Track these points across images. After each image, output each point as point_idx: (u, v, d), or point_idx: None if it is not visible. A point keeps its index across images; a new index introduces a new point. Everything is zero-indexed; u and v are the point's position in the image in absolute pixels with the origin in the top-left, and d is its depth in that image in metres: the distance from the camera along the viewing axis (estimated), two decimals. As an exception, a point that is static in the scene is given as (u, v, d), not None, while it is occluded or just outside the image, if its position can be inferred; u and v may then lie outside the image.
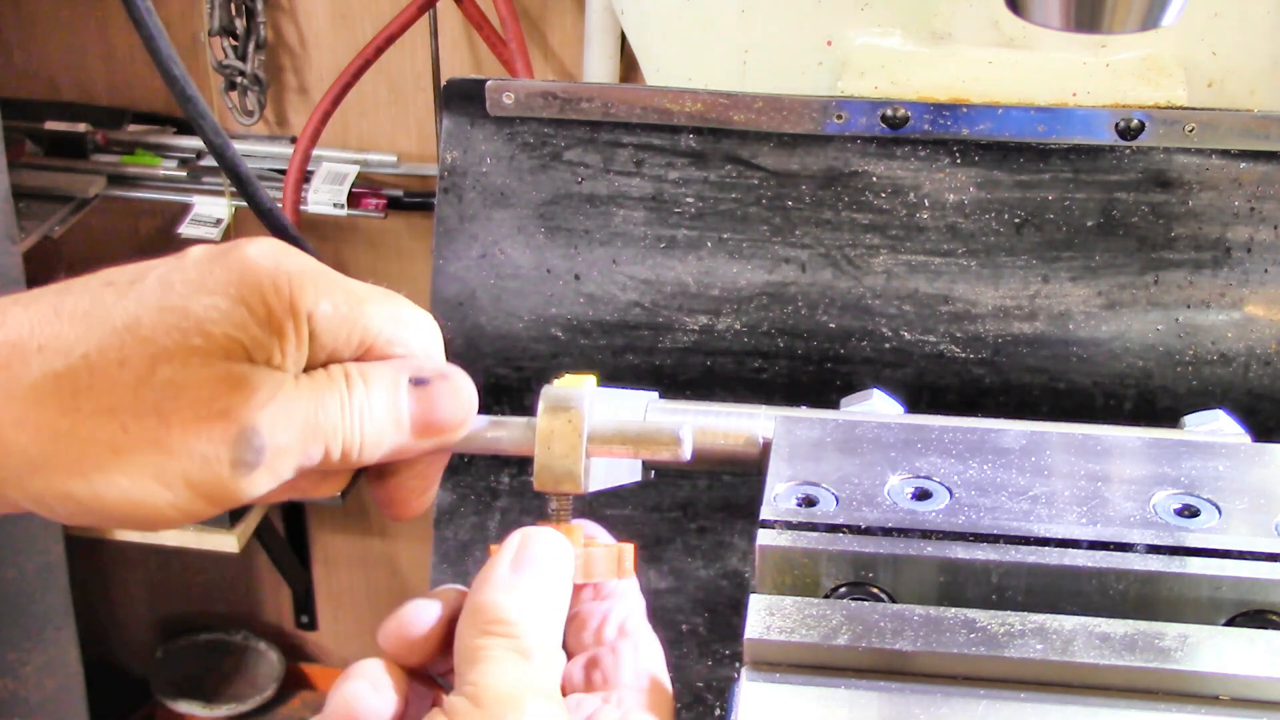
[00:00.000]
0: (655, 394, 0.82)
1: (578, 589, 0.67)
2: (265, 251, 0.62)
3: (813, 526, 0.73)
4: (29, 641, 2.23)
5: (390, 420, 0.64)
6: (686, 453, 0.67)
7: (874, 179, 1.04)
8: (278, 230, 1.22)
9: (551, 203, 1.05)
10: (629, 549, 0.69)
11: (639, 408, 0.79)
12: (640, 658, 0.67)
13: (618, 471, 0.71)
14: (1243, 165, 1.02)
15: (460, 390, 0.66)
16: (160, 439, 0.58)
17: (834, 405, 0.92)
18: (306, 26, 2.48)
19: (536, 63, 2.35)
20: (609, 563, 0.68)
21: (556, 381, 0.69)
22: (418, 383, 0.65)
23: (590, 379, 0.74)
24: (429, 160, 2.47)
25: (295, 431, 0.60)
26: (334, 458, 0.62)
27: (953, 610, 0.69)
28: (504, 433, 0.68)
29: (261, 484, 0.60)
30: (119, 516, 0.60)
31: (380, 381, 0.63)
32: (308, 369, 0.62)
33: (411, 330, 0.66)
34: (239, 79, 2.43)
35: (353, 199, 2.43)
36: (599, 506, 0.77)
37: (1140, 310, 1.03)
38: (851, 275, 1.04)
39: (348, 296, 0.63)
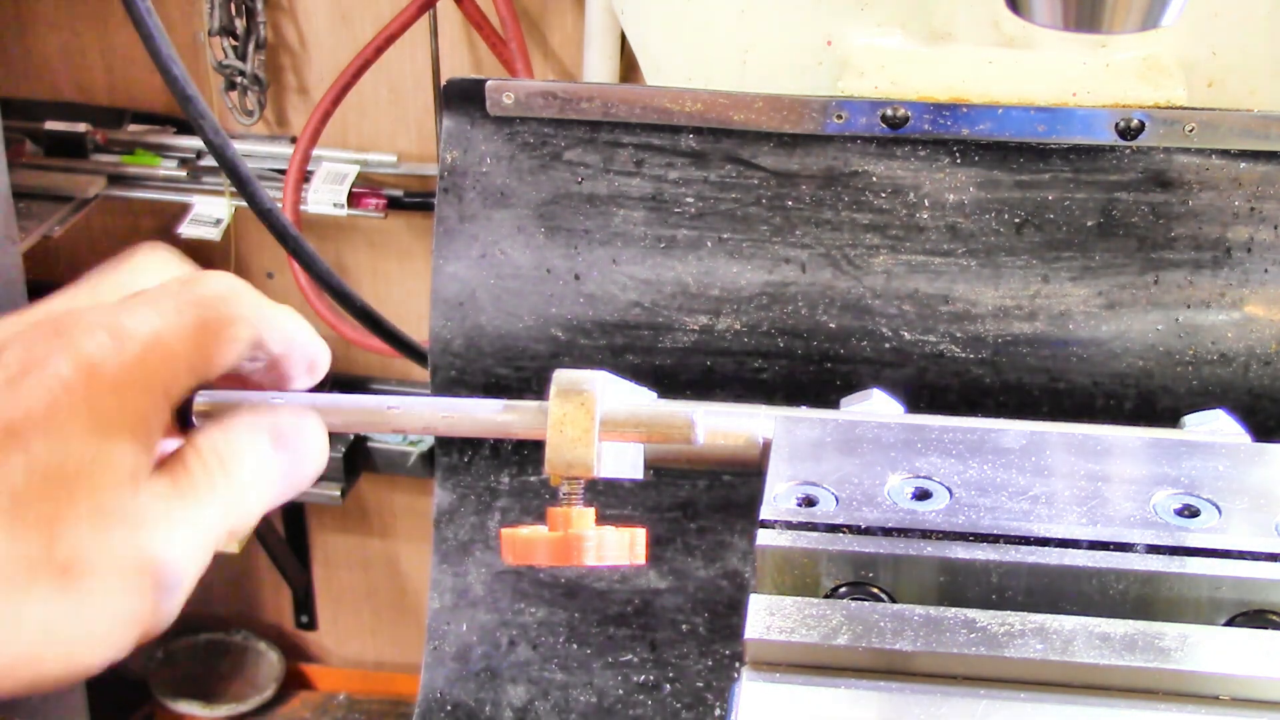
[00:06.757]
0: (654, 395, 0.82)
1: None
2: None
3: (813, 526, 0.73)
4: (29, 642, 2.22)
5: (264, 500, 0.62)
6: (700, 438, 0.66)
7: (874, 179, 1.04)
8: (278, 230, 1.22)
9: (551, 203, 1.05)
10: (641, 533, 0.69)
11: (648, 398, 0.79)
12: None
13: (624, 463, 0.71)
14: (1243, 165, 1.02)
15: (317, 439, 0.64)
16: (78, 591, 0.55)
17: (834, 405, 0.92)
18: (306, 26, 2.48)
19: (536, 63, 2.35)
20: (621, 545, 0.68)
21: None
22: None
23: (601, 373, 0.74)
24: (429, 160, 2.47)
25: (201, 558, 0.58)
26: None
27: (953, 610, 0.69)
28: (515, 416, 0.68)
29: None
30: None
31: (249, 459, 0.60)
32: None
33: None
34: (239, 79, 2.43)
35: (353, 199, 2.43)
36: (600, 507, 0.77)
37: (1140, 310, 1.03)
38: (851, 275, 1.04)
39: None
